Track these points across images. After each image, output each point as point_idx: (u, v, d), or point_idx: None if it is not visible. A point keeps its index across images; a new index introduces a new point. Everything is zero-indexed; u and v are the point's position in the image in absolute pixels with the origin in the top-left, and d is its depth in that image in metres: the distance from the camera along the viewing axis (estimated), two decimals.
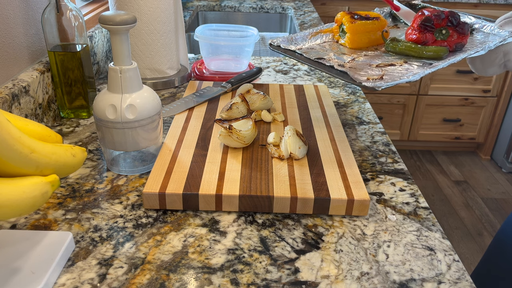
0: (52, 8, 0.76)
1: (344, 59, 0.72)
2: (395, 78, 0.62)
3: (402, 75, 0.64)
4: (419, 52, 0.70)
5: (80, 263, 0.50)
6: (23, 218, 0.57)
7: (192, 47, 1.71)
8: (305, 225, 0.58)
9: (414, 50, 0.70)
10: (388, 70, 0.66)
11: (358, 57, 0.73)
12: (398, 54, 0.73)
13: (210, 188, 0.59)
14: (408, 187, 0.67)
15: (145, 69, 0.98)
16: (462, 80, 2.47)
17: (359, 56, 0.74)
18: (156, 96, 0.65)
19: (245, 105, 0.80)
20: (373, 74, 0.65)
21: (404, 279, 0.50)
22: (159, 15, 0.93)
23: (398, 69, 0.67)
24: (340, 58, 0.73)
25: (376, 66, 0.68)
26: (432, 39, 0.70)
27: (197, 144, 0.70)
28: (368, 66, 0.69)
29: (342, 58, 0.73)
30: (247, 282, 0.49)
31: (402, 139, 2.64)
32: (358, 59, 0.72)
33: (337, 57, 0.73)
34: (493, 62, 0.73)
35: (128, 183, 0.65)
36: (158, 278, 0.49)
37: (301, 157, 0.66)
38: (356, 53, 0.75)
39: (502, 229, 0.83)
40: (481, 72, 0.77)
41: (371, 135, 0.82)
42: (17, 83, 0.72)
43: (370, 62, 0.70)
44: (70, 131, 0.80)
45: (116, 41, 0.60)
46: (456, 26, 0.70)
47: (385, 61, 0.70)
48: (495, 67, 0.73)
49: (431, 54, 0.69)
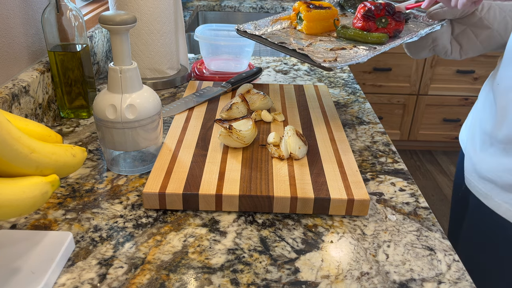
0: (52, 8, 0.76)
1: (303, 43, 0.80)
2: (347, 59, 0.72)
3: (353, 57, 0.73)
4: (365, 38, 0.81)
5: (80, 263, 0.50)
6: (23, 218, 0.57)
7: (192, 47, 1.71)
8: (305, 225, 0.58)
9: (361, 36, 0.81)
10: (341, 53, 0.76)
11: (314, 42, 0.81)
12: (348, 40, 0.83)
13: (210, 188, 0.59)
14: (408, 187, 0.67)
15: (145, 69, 0.98)
16: (462, 80, 2.47)
17: (315, 41, 0.82)
18: (156, 96, 0.65)
19: (245, 105, 0.80)
20: (328, 57, 0.73)
21: (404, 279, 0.50)
22: (159, 15, 0.93)
23: (349, 52, 0.77)
24: (299, 42, 0.80)
25: (330, 49, 0.77)
26: (374, 26, 0.81)
27: (197, 144, 0.70)
28: (323, 49, 0.77)
29: (301, 43, 0.80)
30: (247, 282, 0.49)
31: (402, 139, 2.64)
32: (315, 43, 0.80)
33: (297, 41, 0.81)
34: (424, 47, 0.82)
35: (128, 183, 0.65)
36: (158, 278, 0.49)
37: (301, 157, 0.66)
38: (312, 39, 0.83)
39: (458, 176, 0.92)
40: (415, 55, 0.87)
41: (371, 135, 0.82)
42: (17, 83, 0.72)
43: (325, 46, 0.79)
44: (70, 131, 0.80)
45: (116, 41, 0.60)
46: (393, 15, 0.81)
47: (338, 45, 0.80)
48: (426, 51, 0.83)
49: (375, 39, 0.80)
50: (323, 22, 0.86)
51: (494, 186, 0.71)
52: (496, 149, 0.72)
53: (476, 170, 0.76)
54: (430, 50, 0.83)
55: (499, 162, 0.71)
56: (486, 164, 0.73)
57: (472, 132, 0.81)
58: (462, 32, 0.79)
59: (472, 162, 0.78)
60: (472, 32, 0.79)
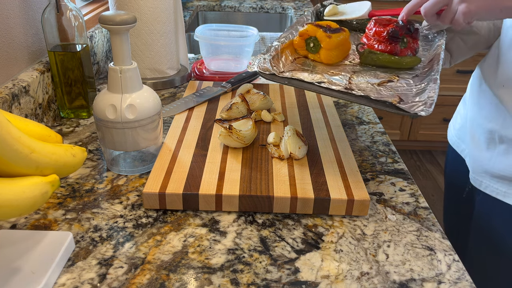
0: (52, 8, 0.76)
1: (339, 79, 0.65)
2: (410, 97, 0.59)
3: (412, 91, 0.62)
4: (399, 63, 0.71)
5: (80, 263, 0.50)
6: (23, 218, 0.57)
7: (192, 47, 1.71)
8: (305, 225, 0.58)
9: (393, 62, 0.71)
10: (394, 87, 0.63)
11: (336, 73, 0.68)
12: (375, 66, 0.72)
13: (210, 188, 0.59)
14: (408, 187, 0.67)
15: (145, 69, 0.98)
16: (462, 80, 2.47)
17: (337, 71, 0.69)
18: (156, 96, 0.65)
19: (245, 105, 0.80)
20: (386, 95, 0.60)
21: (404, 279, 0.50)
22: (159, 15, 0.93)
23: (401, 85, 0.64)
24: (334, 78, 0.65)
25: (377, 84, 0.64)
26: (399, 48, 0.72)
27: (197, 144, 0.70)
28: (366, 85, 0.64)
29: (336, 79, 0.65)
30: (247, 282, 0.49)
31: (402, 139, 2.64)
32: (353, 78, 0.66)
33: (328, 77, 0.66)
34: None
35: (128, 183, 0.65)
36: (158, 278, 0.49)
37: (301, 157, 0.66)
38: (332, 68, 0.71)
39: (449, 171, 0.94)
40: None
41: (371, 135, 0.82)
42: (17, 83, 0.72)
43: (365, 80, 0.65)
44: (70, 131, 0.80)
45: (116, 41, 0.60)
46: (413, 33, 0.74)
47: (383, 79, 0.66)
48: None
49: (410, 64, 0.71)
50: (342, 47, 0.74)
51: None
52: (508, 147, 0.72)
53: (487, 170, 0.76)
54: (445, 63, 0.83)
55: None
56: (500, 163, 0.73)
57: (470, 131, 0.81)
58: (451, 39, 0.81)
59: (479, 162, 0.78)
60: (461, 39, 0.81)
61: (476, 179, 0.80)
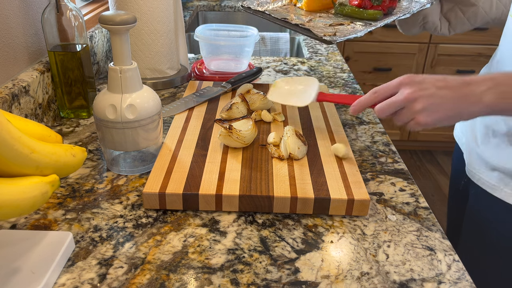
0: (52, 8, 0.76)
1: (303, 19, 0.86)
2: (345, 34, 0.77)
3: (351, 32, 0.79)
4: (361, 15, 0.87)
5: (80, 263, 0.50)
6: (23, 218, 0.57)
7: (192, 47, 1.71)
8: (305, 225, 0.58)
9: (357, 13, 0.87)
10: (339, 29, 0.81)
11: (314, 18, 0.88)
12: (345, 16, 0.89)
13: (210, 188, 0.59)
14: (408, 187, 0.67)
15: (145, 69, 0.98)
16: None
17: (314, 17, 0.88)
18: (156, 96, 0.65)
19: (245, 105, 0.80)
20: (328, 31, 0.78)
21: (404, 279, 0.50)
22: (159, 15, 0.93)
23: (346, 28, 0.82)
24: (300, 18, 0.87)
25: (329, 25, 0.83)
26: (369, 4, 0.87)
27: (197, 144, 0.70)
28: (323, 25, 0.83)
29: (301, 18, 0.86)
30: (247, 282, 0.48)
31: (402, 139, 2.64)
32: (314, 19, 0.87)
33: (297, 17, 0.87)
34: (415, 23, 0.88)
35: (128, 183, 0.65)
36: (158, 278, 0.49)
37: (300, 157, 0.66)
38: (312, 15, 0.90)
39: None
40: (406, 31, 0.92)
41: (371, 135, 0.82)
42: (17, 83, 0.72)
43: (324, 22, 0.85)
44: (70, 131, 0.80)
45: (116, 41, 0.60)
46: None
47: (336, 21, 0.86)
48: (417, 28, 0.89)
49: (370, 16, 0.86)
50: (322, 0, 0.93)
51: (504, 176, 0.72)
52: (499, 141, 0.73)
53: (481, 163, 0.77)
54: (420, 26, 0.88)
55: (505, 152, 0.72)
56: (492, 156, 0.75)
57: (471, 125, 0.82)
58: (450, 9, 0.85)
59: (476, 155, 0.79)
60: (459, 9, 0.84)
61: (470, 171, 0.81)
